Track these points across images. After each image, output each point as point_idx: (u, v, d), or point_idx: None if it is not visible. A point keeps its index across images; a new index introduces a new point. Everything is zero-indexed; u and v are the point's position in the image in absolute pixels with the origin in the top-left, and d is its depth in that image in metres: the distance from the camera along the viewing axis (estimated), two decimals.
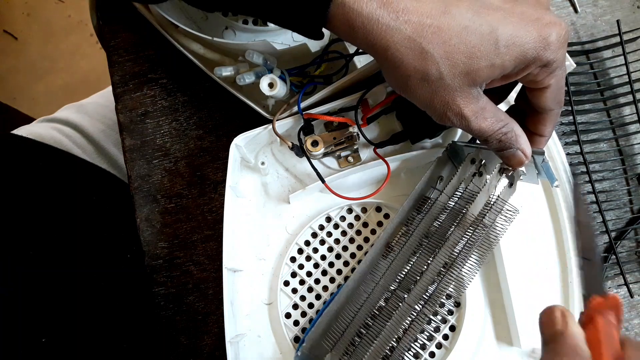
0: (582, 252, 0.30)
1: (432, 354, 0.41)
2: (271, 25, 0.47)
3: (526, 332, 0.40)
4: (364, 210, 0.44)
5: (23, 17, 1.44)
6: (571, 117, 0.48)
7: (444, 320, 0.42)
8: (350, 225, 0.44)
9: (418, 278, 0.37)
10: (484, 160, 0.38)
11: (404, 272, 0.38)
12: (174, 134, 0.49)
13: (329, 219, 0.44)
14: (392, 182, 0.43)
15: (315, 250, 0.43)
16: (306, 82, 0.43)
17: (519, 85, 0.36)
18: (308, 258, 0.43)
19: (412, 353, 0.36)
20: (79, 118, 0.63)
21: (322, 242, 0.43)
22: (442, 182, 0.40)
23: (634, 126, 0.49)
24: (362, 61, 0.43)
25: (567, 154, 0.47)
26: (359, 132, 0.42)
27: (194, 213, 0.47)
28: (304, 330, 0.42)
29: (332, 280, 0.43)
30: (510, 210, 0.36)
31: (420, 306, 0.36)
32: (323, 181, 0.41)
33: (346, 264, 0.43)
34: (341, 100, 0.41)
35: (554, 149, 0.43)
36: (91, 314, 0.49)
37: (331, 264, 0.43)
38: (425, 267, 0.37)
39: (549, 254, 0.43)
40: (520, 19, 0.29)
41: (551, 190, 0.43)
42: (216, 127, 0.48)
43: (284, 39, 0.46)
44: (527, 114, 0.35)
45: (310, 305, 0.42)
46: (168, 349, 0.46)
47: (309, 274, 0.43)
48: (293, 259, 0.43)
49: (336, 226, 0.44)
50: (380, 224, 0.44)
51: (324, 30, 0.32)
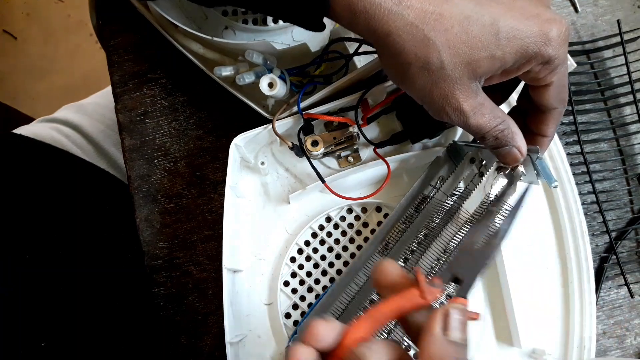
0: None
1: None
2: (271, 25, 0.47)
3: (526, 332, 0.40)
4: (364, 210, 0.44)
5: (23, 17, 1.44)
6: (571, 117, 0.48)
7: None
8: (350, 225, 0.44)
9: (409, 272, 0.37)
10: (484, 161, 0.38)
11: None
12: (173, 134, 0.49)
13: (329, 219, 0.44)
14: (392, 182, 0.43)
15: (315, 250, 0.43)
16: (306, 82, 0.43)
17: (520, 86, 0.36)
18: (308, 258, 0.43)
19: (404, 347, 0.36)
20: (79, 118, 0.63)
21: (322, 242, 0.43)
22: (440, 181, 0.40)
23: (635, 126, 0.49)
24: (362, 61, 0.43)
25: (568, 154, 0.47)
26: (359, 132, 0.42)
27: (193, 213, 0.47)
28: None
29: (332, 280, 0.43)
30: (506, 210, 0.36)
31: None
32: (323, 181, 0.41)
33: (346, 264, 0.43)
34: (341, 100, 0.41)
35: (554, 149, 0.43)
36: (91, 314, 0.49)
37: (331, 264, 0.43)
38: (417, 261, 0.37)
39: (549, 254, 0.43)
40: (521, 13, 0.29)
41: (551, 190, 0.43)
42: (216, 127, 0.48)
43: (284, 39, 0.46)
44: (530, 114, 0.35)
45: (310, 306, 0.42)
46: (168, 349, 0.46)
47: (309, 274, 0.43)
48: (293, 259, 0.43)
49: (336, 226, 0.44)
50: (380, 224, 0.44)
51: (323, 29, 0.32)
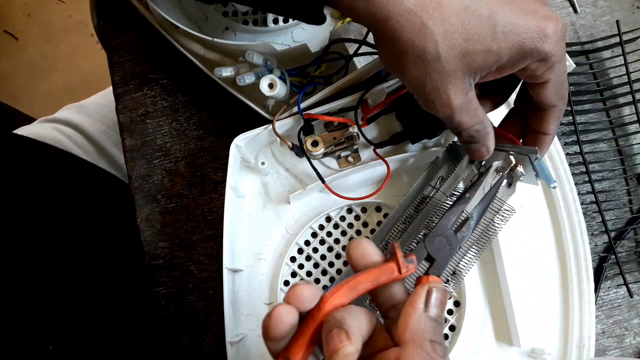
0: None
1: None
2: (271, 26, 0.47)
3: (525, 332, 0.41)
4: (364, 210, 0.44)
5: (23, 18, 1.44)
6: (571, 117, 0.48)
7: (444, 320, 0.42)
8: (350, 225, 0.44)
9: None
10: (483, 161, 0.38)
11: None
12: (174, 134, 0.49)
13: (329, 219, 0.44)
14: (392, 182, 0.43)
15: (315, 250, 0.43)
16: (306, 82, 0.43)
17: (518, 87, 0.36)
18: (308, 258, 0.43)
19: None
20: (80, 118, 0.63)
21: (322, 242, 0.44)
22: (440, 181, 0.40)
23: (634, 126, 0.49)
24: (362, 62, 0.43)
25: (567, 154, 0.47)
26: (359, 132, 0.42)
27: (194, 213, 0.47)
28: None
29: (332, 280, 0.43)
30: (506, 210, 0.36)
31: None
32: (323, 181, 0.41)
33: (346, 263, 0.43)
34: (341, 100, 0.41)
35: (553, 149, 0.43)
36: (91, 314, 0.49)
37: (331, 264, 0.43)
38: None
39: (549, 254, 0.43)
40: (519, 8, 0.29)
41: (551, 190, 0.43)
42: (216, 127, 0.49)
43: (284, 39, 0.46)
44: (530, 113, 0.35)
45: None
46: (168, 349, 0.46)
47: (309, 274, 0.43)
48: (293, 259, 0.43)
49: (336, 226, 0.44)
50: (380, 224, 0.44)
51: (324, 29, 0.32)
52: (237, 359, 0.40)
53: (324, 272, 0.43)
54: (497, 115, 0.39)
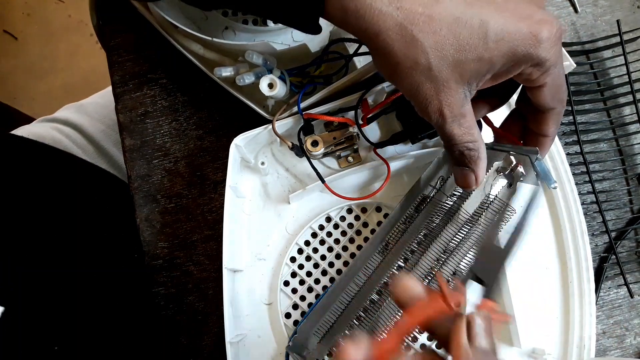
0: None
1: None
2: (271, 26, 0.47)
3: (526, 332, 0.40)
4: (364, 210, 0.44)
5: (23, 17, 1.44)
6: (571, 117, 0.48)
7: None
8: (350, 225, 0.44)
9: (409, 272, 0.37)
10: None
11: (396, 266, 0.38)
12: (174, 134, 0.49)
13: (329, 219, 0.44)
14: (393, 182, 0.43)
15: (315, 250, 0.43)
16: (306, 82, 0.43)
17: (519, 89, 0.36)
18: (308, 258, 0.43)
19: (404, 346, 0.37)
20: (79, 118, 0.63)
21: (322, 242, 0.43)
22: (440, 181, 0.40)
23: (634, 126, 0.49)
24: (361, 61, 0.43)
25: (567, 154, 0.47)
26: (359, 132, 0.42)
27: (194, 213, 0.47)
28: None
29: (332, 280, 0.43)
30: (506, 210, 0.36)
31: None
32: (323, 181, 0.41)
33: (346, 264, 0.43)
34: (341, 100, 0.41)
35: (554, 149, 0.43)
36: (91, 313, 0.49)
37: (331, 264, 0.43)
38: (416, 261, 0.37)
39: (549, 254, 0.43)
40: (512, 15, 0.29)
41: (551, 190, 0.43)
42: (216, 127, 0.49)
43: (283, 39, 0.46)
44: (530, 115, 0.35)
45: (310, 306, 0.42)
46: (168, 349, 0.46)
47: (309, 274, 0.43)
48: (293, 259, 0.43)
49: (336, 226, 0.44)
50: (380, 224, 0.44)
51: (324, 29, 0.32)
52: (237, 359, 0.40)
53: (324, 273, 0.43)
54: (497, 116, 0.39)
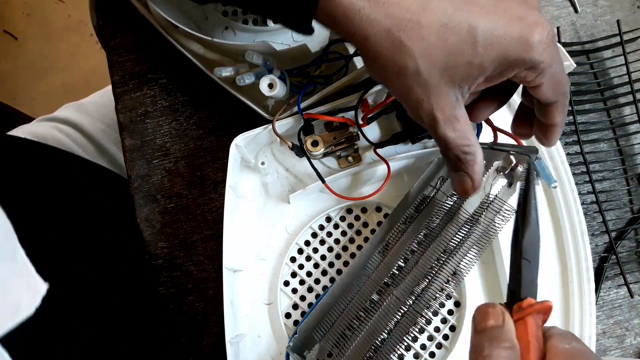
0: (524, 253, 0.29)
1: (432, 354, 0.41)
2: (271, 26, 0.47)
3: None
4: (364, 210, 0.44)
5: (23, 17, 1.44)
6: (571, 117, 0.48)
7: (444, 320, 0.42)
8: (350, 225, 0.44)
9: (409, 272, 0.37)
10: (484, 161, 0.38)
11: (396, 266, 0.38)
12: (174, 134, 0.49)
13: (329, 219, 0.44)
14: (393, 182, 0.43)
15: (315, 250, 0.43)
16: (306, 82, 0.43)
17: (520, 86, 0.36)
18: (308, 258, 0.43)
19: (404, 346, 0.37)
20: (79, 117, 0.63)
21: (322, 242, 0.43)
22: (440, 182, 0.40)
23: (634, 126, 0.49)
24: (361, 62, 0.43)
25: (567, 154, 0.47)
26: (359, 132, 0.42)
27: (194, 213, 0.47)
28: None
29: (332, 280, 0.43)
30: (506, 210, 0.36)
31: (412, 300, 0.36)
32: (323, 181, 0.41)
33: (346, 264, 0.43)
34: (341, 100, 0.41)
35: (554, 149, 0.43)
36: (90, 313, 0.49)
37: (331, 264, 0.43)
38: (416, 261, 0.37)
39: (549, 254, 0.43)
40: (502, 18, 0.29)
41: (551, 190, 0.43)
42: (216, 127, 0.48)
43: (284, 39, 0.46)
44: (535, 107, 0.34)
45: (310, 306, 0.42)
46: (168, 349, 0.46)
47: (309, 274, 0.43)
48: (293, 259, 0.43)
49: (336, 226, 0.44)
50: (380, 224, 0.44)
51: (323, 29, 0.32)
52: (237, 359, 0.40)
53: (324, 273, 0.43)
54: (498, 118, 0.39)
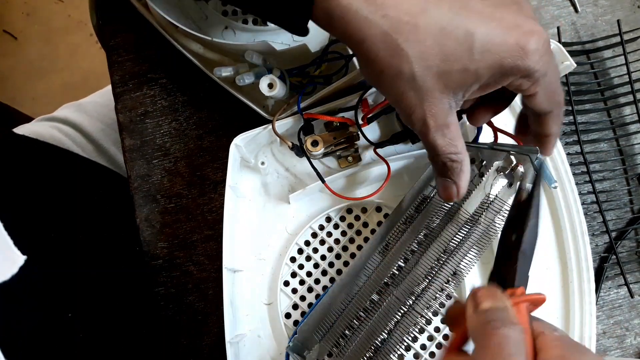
0: (524, 245, 0.30)
1: (432, 354, 0.41)
2: (271, 25, 0.47)
3: None
4: (364, 210, 0.44)
5: (23, 17, 1.44)
6: (571, 117, 0.48)
7: (445, 320, 0.41)
8: (350, 225, 0.44)
9: (409, 272, 0.37)
10: (484, 161, 0.38)
11: (396, 266, 0.38)
12: (173, 133, 0.49)
13: (329, 219, 0.44)
14: (393, 182, 0.43)
15: (315, 250, 0.43)
16: (306, 82, 0.43)
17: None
18: (308, 258, 0.43)
19: (404, 346, 0.37)
20: (78, 117, 0.63)
21: (322, 242, 0.43)
22: None
23: (634, 126, 0.49)
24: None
25: (567, 154, 0.47)
26: (359, 132, 0.42)
27: (193, 213, 0.47)
28: None
29: (332, 280, 0.43)
30: (506, 210, 0.36)
31: (412, 300, 0.36)
32: (323, 181, 0.41)
33: (346, 264, 0.43)
34: (341, 100, 0.41)
35: (554, 149, 0.43)
36: (90, 313, 0.49)
37: (331, 264, 0.43)
38: (416, 261, 0.37)
39: (549, 254, 0.43)
40: (499, 25, 0.29)
41: (551, 190, 0.43)
42: (216, 127, 0.48)
43: (284, 39, 0.46)
44: (531, 117, 0.35)
45: (310, 306, 0.42)
46: (168, 349, 0.46)
47: (309, 274, 0.43)
48: (293, 259, 0.43)
49: (336, 226, 0.44)
50: (380, 224, 0.44)
51: (306, 34, 0.32)
52: (237, 359, 0.40)
53: (324, 273, 0.43)
54: (498, 118, 0.38)
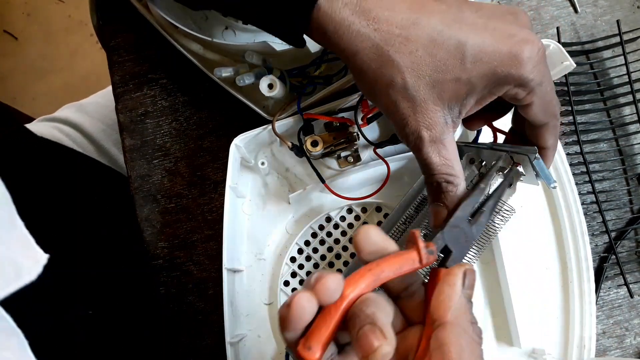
0: (475, 224, 0.30)
1: None
2: None
3: (526, 332, 0.40)
4: (364, 210, 0.44)
5: (23, 17, 1.44)
6: (571, 117, 0.48)
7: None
8: (350, 225, 0.44)
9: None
10: (484, 161, 0.38)
11: None
12: (174, 134, 0.49)
13: (329, 219, 0.44)
14: (392, 182, 0.43)
15: (315, 250, 0.43)
16: (306, 82, 0.43)
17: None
18: (308, 258, 0.43)
19: None
20: (79, 117, 0.63)
21: (322, 242, 0.43)
22: None
23: (634, 126, 0.49)
24: None
25: (567, 154, 0.47)
26: (359, 132, 0.42)
27: (194, 213, 0.47)
28: None
29: None
30: (506, 210, 0.36)
31: None
32: (323, 181, 0.41)
33: (346, 264, 0.43)
34: (341, 100, 0.41)
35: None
36: (90, 313, 0.49)
37: (331, 264, 0.43)
38: None
39: (549, 254, 0.43)
40: (492, 35, 0.29)
41: (551, 190, 0.43)
42: (216, 127, 0.49)
43: None
44: (526, 129, 0.34)
45: None
46: (168, 349, 0.46)
47: (309, 273, 0.43)
48: (293, 259, 0.43)
49: (336, 226, 0.44)
50: (380, 224, 0.44)
51: (303, 46, 0.32)
52: (237, 359, 0.40)
53: None
54: (500, 120, 0.38)
